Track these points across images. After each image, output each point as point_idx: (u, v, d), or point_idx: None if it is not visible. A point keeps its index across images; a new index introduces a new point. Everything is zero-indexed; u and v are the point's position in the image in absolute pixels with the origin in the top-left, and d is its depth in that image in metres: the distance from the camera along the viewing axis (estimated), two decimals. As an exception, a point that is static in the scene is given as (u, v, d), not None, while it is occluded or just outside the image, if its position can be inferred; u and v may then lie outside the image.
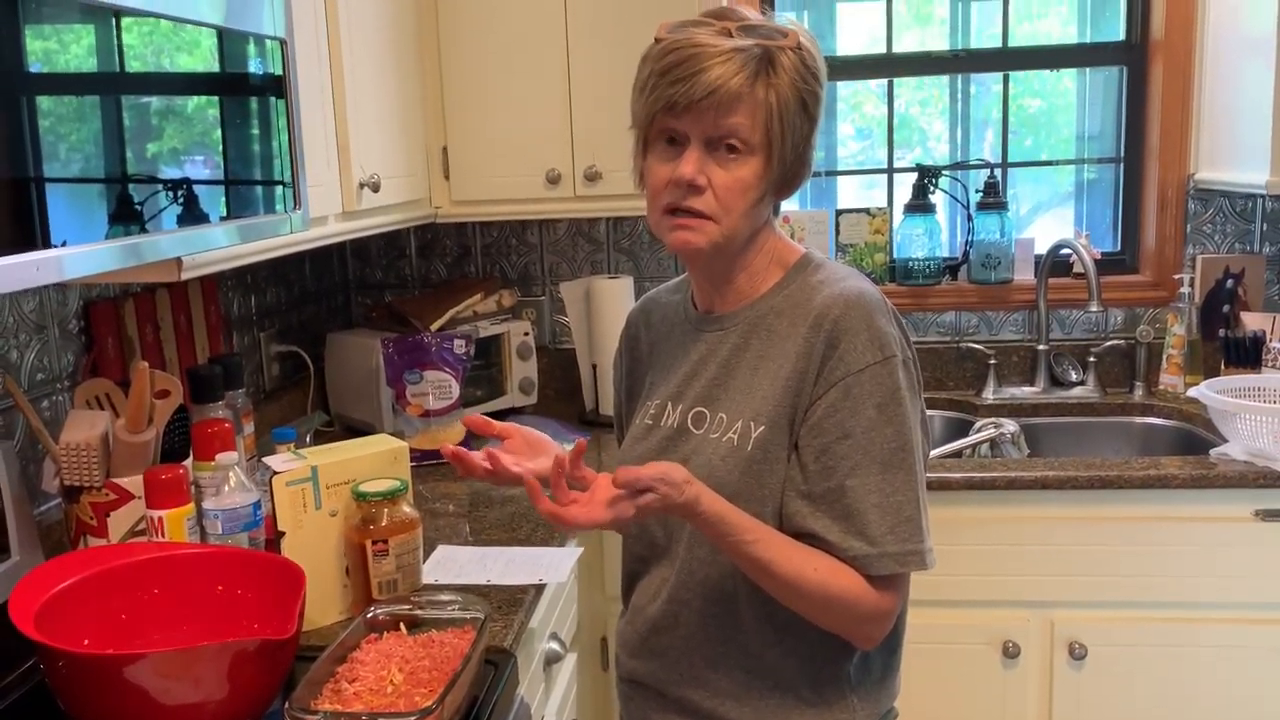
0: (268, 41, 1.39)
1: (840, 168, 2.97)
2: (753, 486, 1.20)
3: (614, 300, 2.56)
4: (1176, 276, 2.64)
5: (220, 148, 1.31)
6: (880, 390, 1.18)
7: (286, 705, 1.15)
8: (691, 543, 1.26)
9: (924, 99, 2.98)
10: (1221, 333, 2.53)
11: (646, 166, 1.23)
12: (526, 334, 2.66)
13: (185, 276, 1.40)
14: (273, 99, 1.42)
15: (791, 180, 1.24)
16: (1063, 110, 2.96)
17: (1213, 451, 2.19)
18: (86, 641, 1.25)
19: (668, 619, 1.29)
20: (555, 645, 1.77)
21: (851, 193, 2.99)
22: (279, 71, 1.43)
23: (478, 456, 1.23)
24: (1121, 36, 2.75)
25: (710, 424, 1.26)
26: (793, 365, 1.21)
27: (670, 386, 1.32)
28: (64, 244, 1.01)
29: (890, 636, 1.27)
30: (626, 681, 1.38)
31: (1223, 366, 2.49)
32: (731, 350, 1.27)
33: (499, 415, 2.54)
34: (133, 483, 1.48)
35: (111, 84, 1.10)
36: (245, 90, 1.37)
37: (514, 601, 1.59)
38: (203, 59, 1.27)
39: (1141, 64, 2.71)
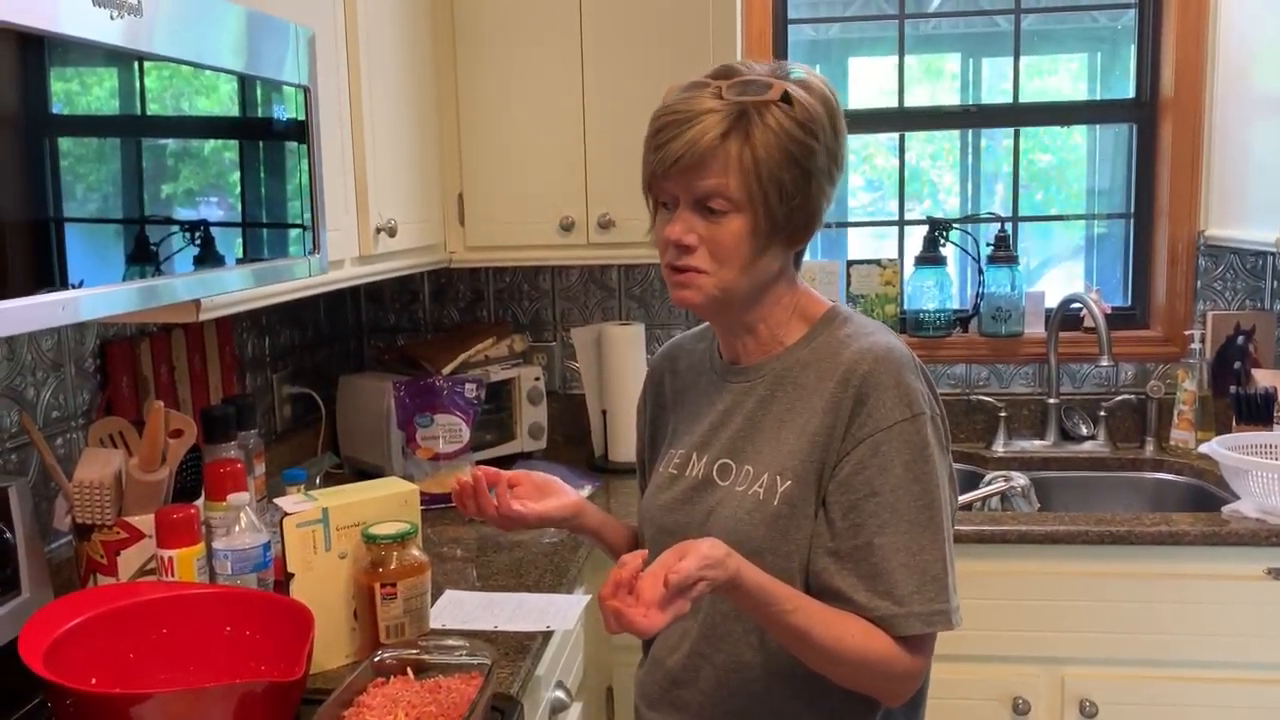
0: (291, 88, 1.41)
1: (850, 219, 2.99)
2: (778, 541, 1.20)
3: (625, 347, 2.57)
4: (1187, 332, 2.65)
5: (240, 191, 1.33)
6: (909, 448, 1.17)
7: (292, 749, 1.15)
8: (714, 597, 1.25)
9: (934, 152, 3.01)
10: (1233, 389, 2.53)
11: (655, 227, 1.26)
12: (537, 379, 2.67)
13: (203, 318, 1.42)
14: (294, 144, 1.45)
15: (797, 232, 1.23)
16: (1073, 165, 2.98)
17: (1224, 509, 2.18)
18: (94, 680, 1.24)
19: (688, 672, 1.28)
20: (561, 694, 1.76)
21: (861, 244, 3.01)
22: (301, 117, 1.45)
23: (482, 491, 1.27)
24: (1131, 94, 2.78)
25: (736, 476, 1.25)
26: (820, 420, 1.20)
27: (695, 436, 1.32)
28: (80, 284, 1.02)
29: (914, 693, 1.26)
30: None
31: (1234, 423, 2.48)
32: (758, 403, 1.27)
33: (508, 459, 2.55)
34: (144, 521, 1.49)
35: (134, 127, 1.12)
36: (267, 135, 1.39)
37: (521, 648, 1.58)
38: (225, 104, 1.29)
39: (1151, 121, 2.74)
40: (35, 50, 0.96)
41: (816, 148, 1.18)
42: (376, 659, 1.36)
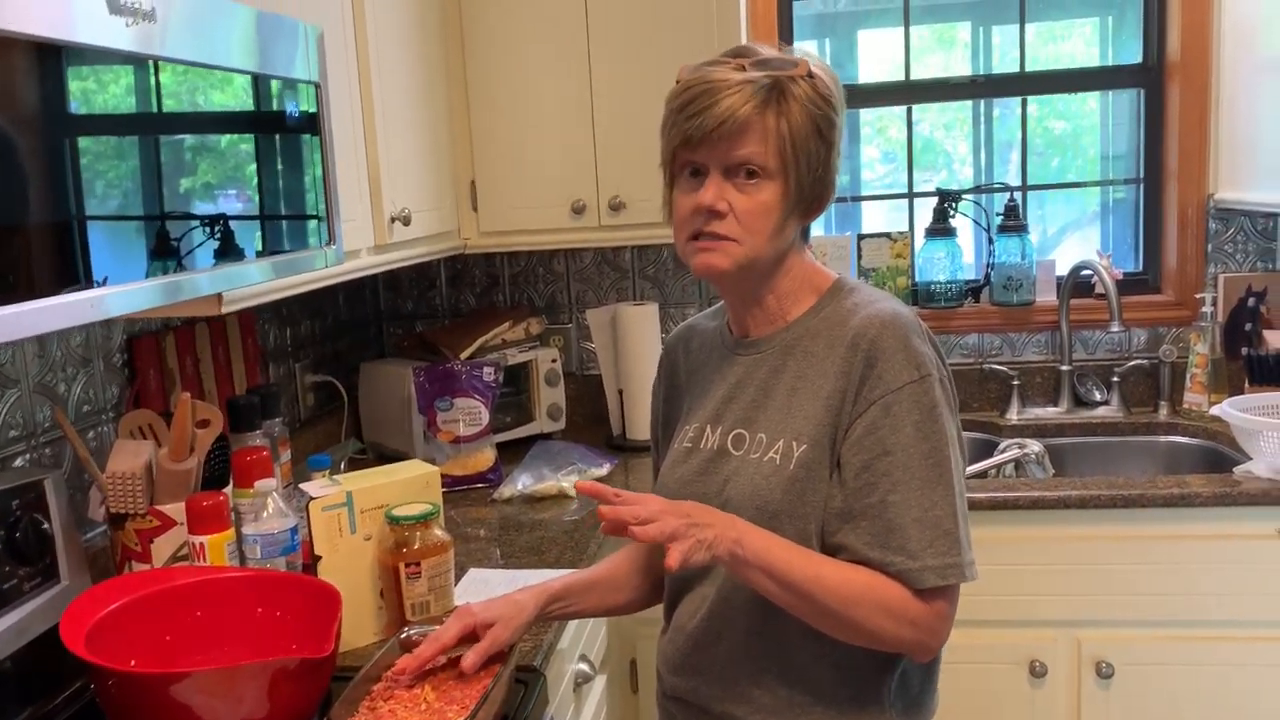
0: (303, 84, 1.45)
1: (865, 191, 3.01)
2: (795, 504, 1.24)
3: (639, 327, 2.60)
4: (1199, 295, 2.65)
5: (256, 185, 1.37)
6: (918, 408, 1.21)
7: (324, 722, 1.20)
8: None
9: (948, 122, 3.01)
10: (1245, 351, 2.54)
11: (673, 199, 1.30)
12: (554, 361, 2.71)
13: (225, 311, 1.46)
14: (307, 138, 1.48)
15: (814, 203, 1.29)
16: (1088, 131, 2.98)
17: (1236, 469, 2.20)
18: (134, 662, 1.30)
19: (710, 635, 1.32)
20: (585, 666, 1.81)
21: (877, 217, 3.02)
22: (313, 111, 1.49)
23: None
24: (1139, 59, 2.77)
25: (750, 445, 1.29)
26: (832, 384, 1.25)
27: (708, 410, 1.36)
28: (105, 281, 1.05)
29: None
30: (669, 698, 1.40)
31: (1246, 385, 2.49)
32: (769, 372, 1.31)
33: (528, 441, 2.60)
34: (175, 509, 1.54)
35: (150, 124, 1.16)
36: (280, 130, 1.43)
37: (543, 622, 1.62)
38: (239, 99, 1.33)
39: (1159, 85, 2.74)
40: (53, 54, 0.99)
41: (836, 121, 1.27)
42: (403, 635, 1.41)
